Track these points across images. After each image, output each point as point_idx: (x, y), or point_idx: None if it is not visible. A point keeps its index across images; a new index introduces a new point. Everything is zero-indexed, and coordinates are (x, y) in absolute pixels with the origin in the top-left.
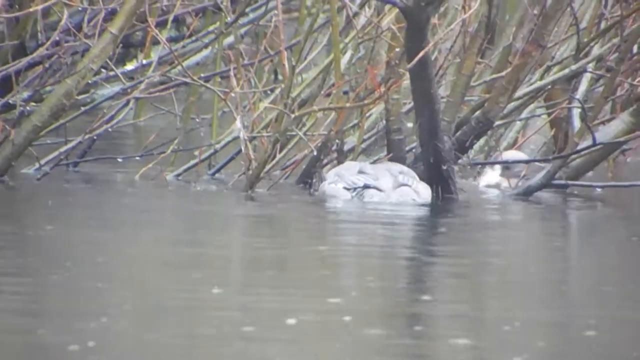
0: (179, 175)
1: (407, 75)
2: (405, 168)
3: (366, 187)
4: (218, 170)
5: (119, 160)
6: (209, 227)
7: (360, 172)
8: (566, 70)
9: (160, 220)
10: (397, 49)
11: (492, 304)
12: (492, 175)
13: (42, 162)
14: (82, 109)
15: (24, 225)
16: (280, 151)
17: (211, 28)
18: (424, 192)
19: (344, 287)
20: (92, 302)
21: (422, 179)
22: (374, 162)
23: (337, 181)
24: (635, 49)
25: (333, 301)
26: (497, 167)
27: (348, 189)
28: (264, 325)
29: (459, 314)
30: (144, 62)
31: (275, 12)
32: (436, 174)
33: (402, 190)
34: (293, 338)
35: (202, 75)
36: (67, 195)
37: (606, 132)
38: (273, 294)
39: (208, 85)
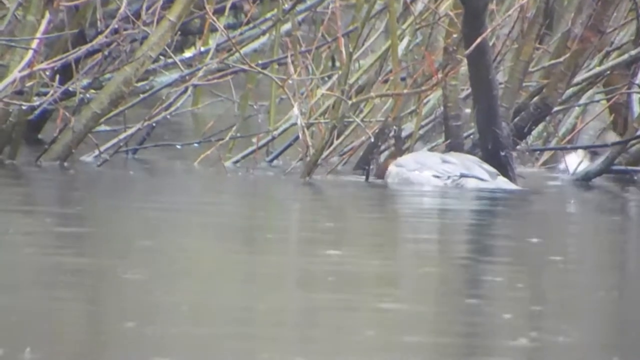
0: (237, 161)
1: (465, 61)
2: (477, 159)
3: (463, 176)
4: (276, 157)
5: (178, 147)
6: (266, 212)
7: (445, 161)
8: (625, 56)
9: (217, 207)
10: (455, 35)
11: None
12: (575, 157)
13: (102, 149)
14: (141, 96)
15: (88, 216)
16: (338, 138)
17: (269, 15)
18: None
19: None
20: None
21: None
22: (431, 149)
23: (420, 169)
24: None
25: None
26: (580, 151)
27: (439, 177)
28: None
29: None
30: (202, 49)
31: None
32: (494, 161)
33: (501, 180)
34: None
35: (260, 62)
36: (126, 181)
37: None
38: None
39: (265, 72)
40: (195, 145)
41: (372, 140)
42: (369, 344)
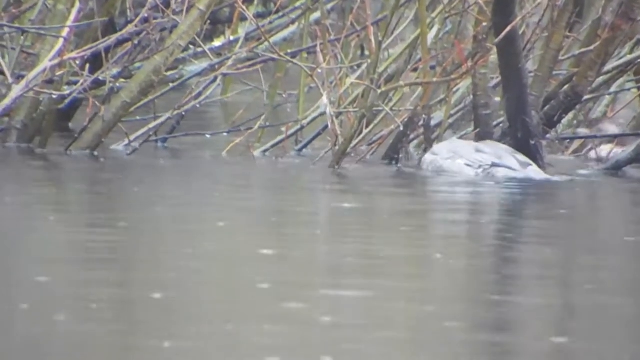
0: (266, 150)
1: (495, 49)
2: (510, 148)
3: (495, 165)
4: (305, 146)
5: (207, 136)
6: (290, 199)
7: (478, 150)
8: None
9: (247, 195)
10: (485, 24)
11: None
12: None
13: (132, 138)
14: (171, 85)
15: (113, 204)
16: (367, 127)
17: (298, 4)
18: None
19: None
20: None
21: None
22: (461, 137)
23: (453, 157)
24: None
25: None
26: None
27: (470, 166)
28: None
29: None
30: (232, 38)
31: None
32: (524, 149)
33: (532, 169)
34: None
35: (289, 51)
36: (157, 170)
37: None
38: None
39: (295, 61)
40: (225, 134)
41: (402, 129)
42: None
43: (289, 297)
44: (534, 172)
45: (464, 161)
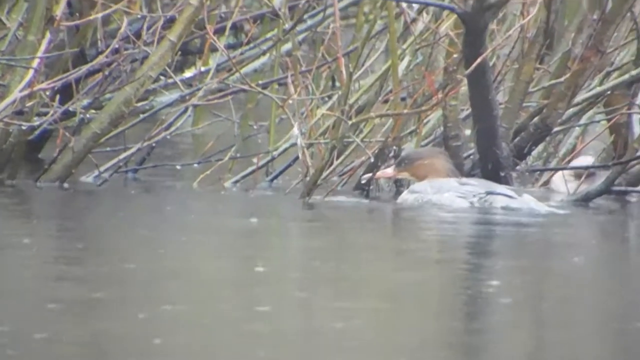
0: (236, 182)
1: (465, 81)
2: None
3: (490, 193)
4: (276, 177)
5: (178, 167)
6: (264, 233)
7: (463, 183)
8: (626, 76)
9: (216, 227)
10: (455, 55)
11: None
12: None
13: (102, 169)
14: (141, 116)
15: (85, 233)
16: (338, 158)
17: (269, 35)
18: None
19: None
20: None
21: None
22: None
23: (440, 191)
24: None
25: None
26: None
27: (464, 197)
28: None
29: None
30: (202, 69)
31: (333, 18)
32: (494, 181)
33: (527, 197)
34: None
35: (260, 82)
36: (127, 201)
37: None
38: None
39: (266, 92)
40: (195, 165)
41: (372, 160)
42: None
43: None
44: (531, 200)
45: (454, 194)
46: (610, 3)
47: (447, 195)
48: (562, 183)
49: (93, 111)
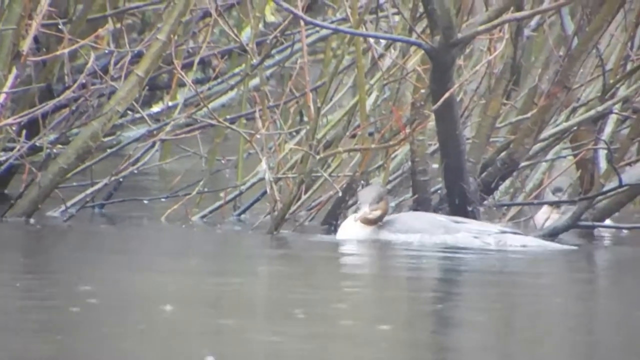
0: (204, 216)
1: (433, 116)
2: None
3: (503, 232)
4: (243, 212)
5: (145, 202)
6: (231, 268)
7: (457, 222)
8: (592, 112)
9: (183, 262)
10: (423, 91)
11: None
12: (542, 213)
13: (69, 204)
14: (108, 151)
15: (51, 270)
16: (306, 192)
17: (237, 70)
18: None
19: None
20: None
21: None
22: (398, 204)
23: (445, 232)
24: None
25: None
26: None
27: (477, 237)
28: None
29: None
30: (170, 104)
31: (301, 54)
32: (462, 216)
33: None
34: None
35: (228, 116)
36: (93, 237)
37: (632, 174)
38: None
39: (234, 126)
40: (163, 200)
41: (340, 195)
42: None
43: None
44: (535, 240)
45: (468, 234)
46: (576, 40)
47: (461, 235)
48: (542, 218)
49: (60, 146)
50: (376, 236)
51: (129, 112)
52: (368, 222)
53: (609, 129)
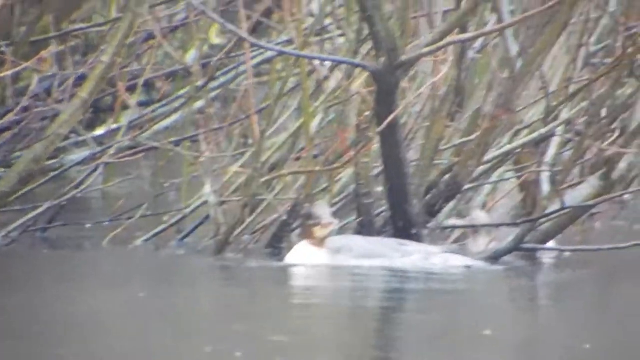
0: (148, 240)
1: (377, 138)
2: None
3: (446, 252)
4: (187, 235)
5: (87, 226)
6: (174, 292)
7: (402, 244)
8: (535, 134)
9: (125, 287)
10: (367, 113)
11: None
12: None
13: (10, 228)
14: (51, 174)
15: None
16: (250, 215)
17: (181, 92)
18: None
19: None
20: None
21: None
22: (343, 227)
23: (403, 254)
24: (603, 112)
25: None
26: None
27: (426, 259)
28: None
29: None
30: (114, 126)
31: (246, 76)
32: (406, 238)
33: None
34: None
35: (172, 139)
36: (35, 261)
37: (575, 196)
38: None
39: (178, 149)
40: (106, 223)
41: (285, 218)
42: None
43: None
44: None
45: (454, 260)
46: (519, 62)
47: (415, 257)
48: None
49: (2, 169)
50: (333, 261)
51: (72, 134)
52: (318, 242)
53: (552, 151)
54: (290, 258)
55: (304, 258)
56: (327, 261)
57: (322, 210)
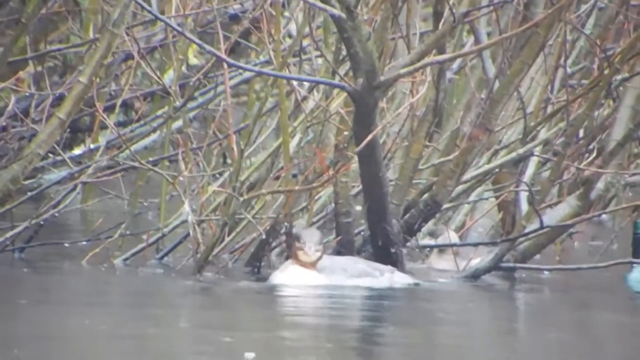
0: (126, 259)
1: (356, 158)
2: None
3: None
4: (166, 254)
5: (66, 245)
6: (153, 313)
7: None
8: (513, 154)
9: (104, 307)
10: (346, 133)
11: None
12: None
13: None
14: (29, 194)
15: None
16: (229, 234)
17: (159, 112)
18: None
19: None
20: None
21: (371, 261)
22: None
23: (380, 274)
24: (581, 133)
25: None
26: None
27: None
28: None
29: None
30: (92, 146)
31: (224, 96)
32: (385, 257)
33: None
34: None
35: (150, 159)
36: (12, 281)
37: (553, 216)
38: None
39: (156, 169)
40: (84, 243)
41: (264, 236)
42: None
43: None
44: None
45: (406, 279)
46: (497, 83)
47: (398, 276)
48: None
49: None
50: (324, 281)
51: (50, 154)
52: (309, 264)
53: (530, 171)
54: (277, 278)
55: (294, 278)
56: (321, 281)
57: (311, 237)
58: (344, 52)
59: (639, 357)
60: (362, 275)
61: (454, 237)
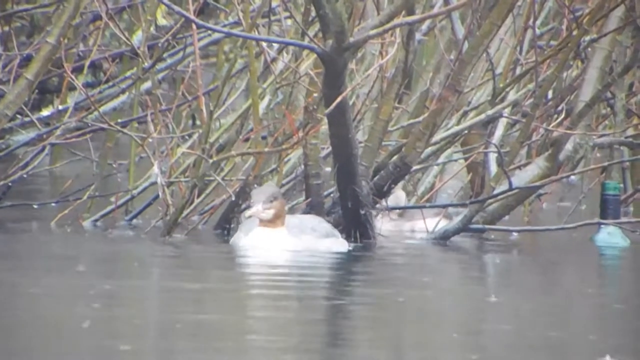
0: (95, 221)
1: (325, 120)
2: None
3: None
4: (135, 216)
5: (35, 206)
6: (123, 274)
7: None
8: (482, 116)
9: (73, 268)
10: (315, 94)
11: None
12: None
13: None
14: None
15: None
16: (198, 196)
17: (128, 73)
18: None
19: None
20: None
21: (340, 223)
22: (292, 207)
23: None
24: (549, 94)
25: None
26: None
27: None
28: None
29: None
30: (60, 107)
31: (193, 57)
32: (354, 219)
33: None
34: None
35: (119, 120)
36: None
37: (522, 177)
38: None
39: (125, 130)
40: (53, 204)
41: (233, 198)
42: None
43: None
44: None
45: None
46: (466, 44)
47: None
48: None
49: None
50: (294, 243)
51: (18, 115)
52: (267, 223)
53: (499, 132)
54: (246, 240)
55: (263, 240)
56: (290, 242)
57: (257, 195)
58: (314, 14)
59: (604, 317)
60: (330, 235)
61: (402, 198)
